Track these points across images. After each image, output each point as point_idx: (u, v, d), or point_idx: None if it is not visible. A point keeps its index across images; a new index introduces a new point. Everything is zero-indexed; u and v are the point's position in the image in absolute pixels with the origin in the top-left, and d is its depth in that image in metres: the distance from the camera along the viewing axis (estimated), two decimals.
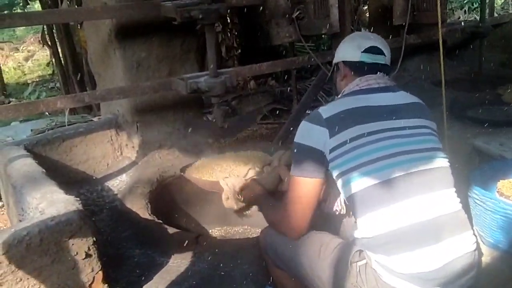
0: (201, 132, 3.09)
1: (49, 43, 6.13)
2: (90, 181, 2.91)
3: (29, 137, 3.35)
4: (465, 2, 9.15)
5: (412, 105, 1.69)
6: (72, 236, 1.66)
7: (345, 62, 1.76)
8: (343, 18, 3.15)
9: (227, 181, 1.93)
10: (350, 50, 1.75)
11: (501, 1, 9.13)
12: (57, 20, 3.99)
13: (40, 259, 1.60)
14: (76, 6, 4.68)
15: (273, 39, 3.20)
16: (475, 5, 8.76)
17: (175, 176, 2.85)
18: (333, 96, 1.89)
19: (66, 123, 3.84)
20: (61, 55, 5.96)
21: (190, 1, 2.34)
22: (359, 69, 1.72)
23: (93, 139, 2.95)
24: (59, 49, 5.93)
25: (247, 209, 1.97)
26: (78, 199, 1.83)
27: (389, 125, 1.58)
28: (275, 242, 1.76)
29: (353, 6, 6.44)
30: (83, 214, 1.72)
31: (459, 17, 8.63)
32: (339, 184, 1.57)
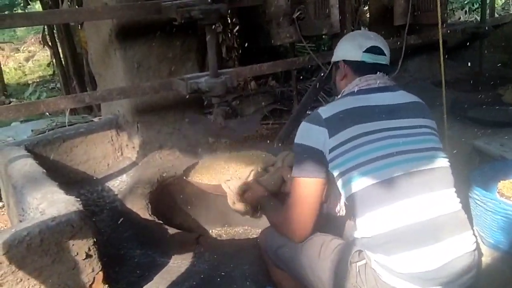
0: (201, 131, 3.10)
1: (49, 44, 6.14)
2: (91, 181, 2.90)
3: (29, 137, 3.34)
4: (465, 2, 9.15)
5: (412, 104, 1.69)
6: (73, 236, 1.66)
7: (345, 61, 1.76)
8: (343, 19, 3.16)
9: (229, 184, 1.93)
10: (351, 49, 1.74)
11: (502, 1, 9.13)
12: (57, 21, 3.99)
13: (40, 259, 1.60)
14: (76, 7, 4.68)
15: (273, 39, 3.20)
16: (476, 6, 8.76)
17: (175, 176, 2.85)
18: (333, 96, 1.89)
19: (67, 123, 3.83)
20: (61, 56, 5.97)
21: (191, 1, 2.34)
22: (360, 68, 1.72)
23: (93, 140, 2.94)
24: (59, 49, 5.94)
25: (255, 211, 1.95)
26: (79, 199, 1.83)
27: (388, 125, 1.58)
28: (275, 242, 1.76)
29: (354, 7, 6.44)
30: (84, 215, 1.72)
31: (459, 18, 8.63)
32: (339, 184, 1.56)
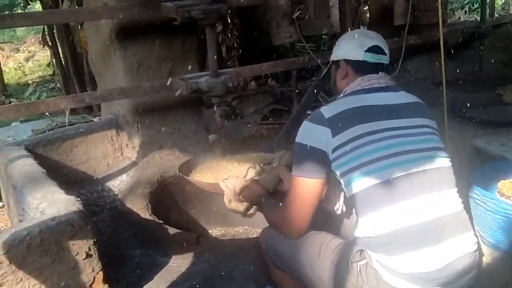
0: (202, 132, 3.09)
1: (49, 44, 6.13)
2: (91, 181, 2.90)
3: (29, 137, 3.34)
4: (465, 2, 9.15)
5: (413, 104, 1.69)
6: (73, 236, 1.66)
7: (346, 60, 1.75)
8: (343, 19, 3.16)
9: (226, 182, 1.92)
10: (353, 49, 1.73)
11: (502, 1, 9.13)
12: (57, 21, 3.99)
13: (40, 259, 1.59)
14: (76, 7, 4.68)
15: (273, 39, 3.20)
16: (476, 6, 8.76)
17: (175, 176, 2.85)
18: (333, 96, 1.88)
19: (67, 123, 3.84)
20: (61, 56, 5.96)
21: (191, 1, 2.34)
22: (362, 68, 1.71)
23: (93, 140, 2.94)
24: (59, 49, 5.93)
25: (251, 210, 1.96)
26: (79, 199, 1.83)
27: (391, 125, 1.58)
28: (276, 242, 1.76)
29: (354, 7, 6.43)
30: (84, 215, 1.72)
31: (459, 18, 8.63)
32: (342, 183, 1.57)
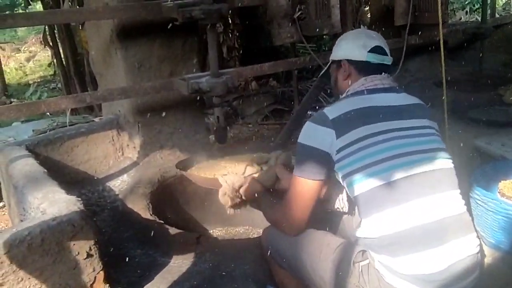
0: (202, 132, 3.09)
1: (50, 44, 6.14)
2: (92, 181, 2.90)
3: (30, 137, 3.34)
4: (466, 3, 9.15)
5: (415, 106, 1.69)
6: (74, 236, 1.66)
7: (349, 60, 1.74)
8: (344, 19, 3.16)
9: (226, 178, 1.93)
10: (355, 49, 1.72)
11: (502, 2, 9.13)
12: (58, 21, 4.00)
13: (41, 259, 1.60)
14: (77, 7, 4.68)
15: (274, 39, 3.20)
16: (477, 6, 8.76)
17: (176, 176, 2.85)
18: (334, 96, 1.88)
19: (68, 123, 3.84)
20: (62, 56, 5.97)
21: (192, 1, 2.34)
22: (364, 69, 1.71)
23: (94, 140, 2.95)
24: (60, 49, 5.94)
25: (241, 206, 1.97)
26: (80, 199, 1.83)
27: (394, 126, 1.58)
28: (277, 241, 1.76)
29: (355, 7, 6.44)
30: (85, 214, 1.72)
31: (460, 18, 8.63)
32: (345, 185, 1.57)
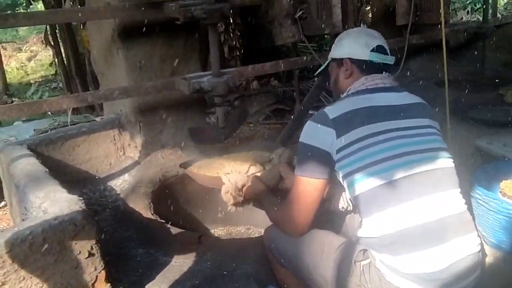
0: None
1: (52, 43, 6.14)
2: (93, 180, 2.91)
3: (32, 136, 3.35)
4: (468, 2, 9.15)
5: (416, 105, 1.69)
6: (75, 235, 1.66)
7: (351, 59, 1.73)
8: (345, 18, 3.16)
9: (229, 177, 1.93)
10: (358, 48, 1.72)
11: (504, 1, 9.12)
12: (60, 20, 4.00)
13: (43, 258, 1.60)
14: (79, 6, 4.68)
15: (276, 39, 3.20)
16: (478, 6, 8.75)
17: (177, 175, 2.85)
18: (333, 95, 1.86)
19: (69, 123, 3.85)
20: (64, 55, 5.97)
21: (193, 1, 2.34)
22: (367, 68, 1.71)
23: (96, 139, 2.95)
24: (62, 49, 5.95)
25: (244, 204, 1.97)
26: (81, 198, 1.83)
27: (395, 125, 1.57)
28: (279, 240, 1.76)
29: (356, 6, 6.44)
30: (86, 214, 1.72)
31: (462, 18, 8.62)
32: (345, 184, 1.57)
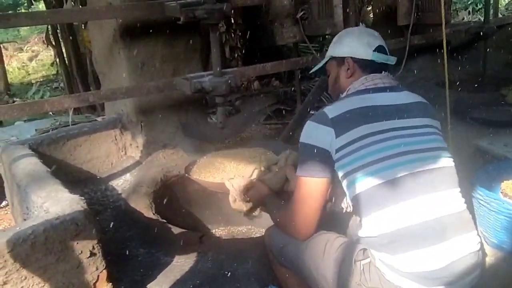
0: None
1: (53, 43, 6.15)
2: (94, 180, 2.91)
3: (33, 136, 3.35)
4: (469, 3, 9.15)
5: (416, 104, 1.68)
6: (77, 235, 1.67)
7: (353, 58, 1.73)
8: (347, 19, 3.15)
9: (232, 182, 1.92)
10: (360, 47, 1.72)
11: (505, 1, 9.11)
12: (61, 20, 4.00)
13: (45, 257, 1.60)
14: (80, 6, 4.69)
15: (277, 39, 3.20)
16: (479, 6, 8.75)
17: (179, 175, 2.85)
18: (332, 94, 1.86)
19: (70, 122, 3.85)
20: (65, 55, 5.98)
21: (195, 1, 2.34)
22: (368, 67, 1.71)
23: (97, 139, 2.95)
24: (63, 49, 5.95)
25: (255, 210, 1.96)
26: (83, 198, 1.83)
27: (394, 125, 1.57)
28: (280, 240, 1.76)
29: (357, 7, 6.43)
30: (88, 213, 1.72)
31: (463, 18, 8.62)
32: (344, 184, 1.57)
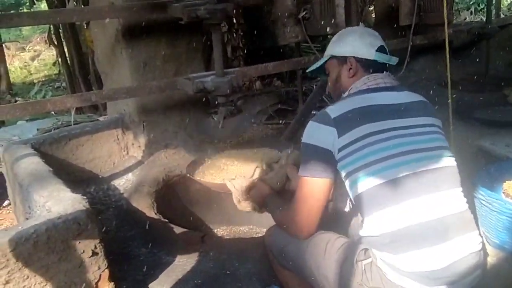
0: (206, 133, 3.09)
1: (55, 43, 6.17)
2: (97, 180, 2.92)
3: (35, 136, 3.36)
4: (471, 3, 9.14)
5: (417, 103, 1.69)
6: (79, 234, 1.67)
7: (356, 58, 1.73)
8: (349, 19, 3.15)
9: (234, 182, 1.91)
10: (363, 47, 1.72)
11: (508, 2, 9.10)
12: (63, 20, 4.00)
13: (47, 257, 1.61)
14: (82, 6, 4.70)
15: (279, 39, 3.20)
16: (481, 6, 8.74)
17: (181, 175, 2.86)
18: (332, 93, 1.86)
19: (72, 122, 3.86)
20: (67, 55, 5.99)
21: (197, 1, 2.35)
22: (370, 67, 1.71)
23: (99, 138, 2.96)
24: (65, 48, 5.96)
25: (260, 208, 1.95)
26: (85, 197, 1.83)
27: (396, 124, 1.57)
28: (281, 241, 1.76)
29: (359, 7, 6.42)
30: (90, 213, 1.72)
31: (465, 18, 8.61)
32: (347, 184, 1.56)
